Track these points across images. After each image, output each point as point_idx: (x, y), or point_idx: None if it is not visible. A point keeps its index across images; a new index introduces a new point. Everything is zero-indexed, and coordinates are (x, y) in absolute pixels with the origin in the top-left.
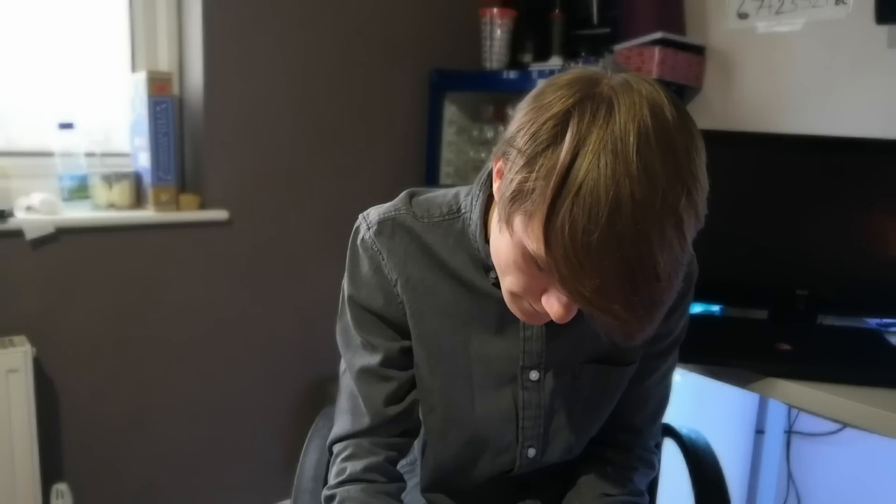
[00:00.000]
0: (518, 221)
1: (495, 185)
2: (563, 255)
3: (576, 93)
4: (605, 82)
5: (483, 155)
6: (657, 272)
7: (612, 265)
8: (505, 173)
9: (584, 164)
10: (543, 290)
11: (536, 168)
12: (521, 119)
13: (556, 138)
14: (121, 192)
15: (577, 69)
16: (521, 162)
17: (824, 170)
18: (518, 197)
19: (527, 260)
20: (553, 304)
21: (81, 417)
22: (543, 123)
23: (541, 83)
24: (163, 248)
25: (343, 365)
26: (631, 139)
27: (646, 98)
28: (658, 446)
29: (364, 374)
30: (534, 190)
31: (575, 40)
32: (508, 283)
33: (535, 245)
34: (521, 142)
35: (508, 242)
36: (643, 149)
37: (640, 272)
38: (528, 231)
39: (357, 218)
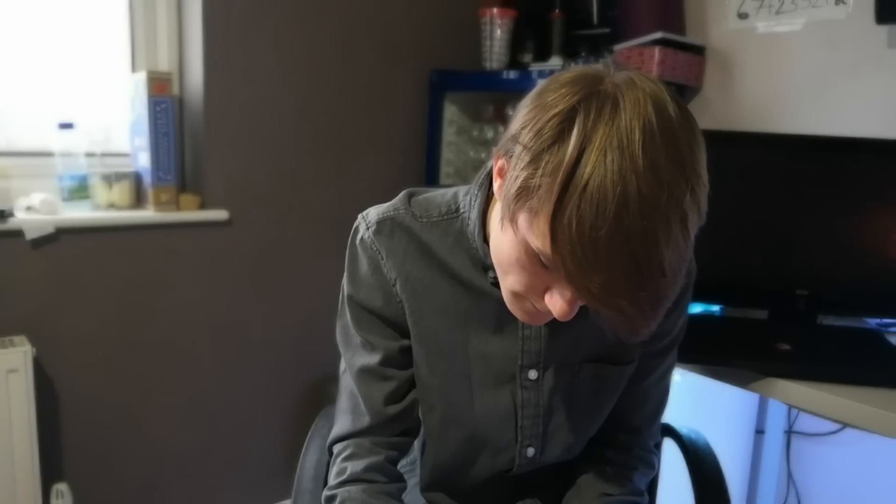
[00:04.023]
0: (522, 219)
1: (496, 184)
2: (570, 252)
3: (580, 90)
4: (609, 80)
5: (483, 155)
6: (663, 267)
7: (619, 261)
8: (508, 171)
9: (590, 160)
10: (546, 289)
11: (542, 165)
12: (523, 117)
13: (562, 135)
14: (121, 192)
15: (579, 67)
16: (525, 159)
17: (824, 169)
18: (523, 194)
19: (531, 258)
20: (557, 302)
21: (81, 417)
22: (548, 121)
23: (541, 82)
24: (163, 248)
25: (343, 365)
26: (636, 136)
27: (649, 95)
28: (658, 446)
29: (364, 374)
30: (539, 187)
31: (575, 40)
32: (510, 282)
33: (540, 242)
34: (525, 139)
35: (511, 240)
36: (648, 145)
37: (646, 267)
38: (534, 228)
39: (357, 218)
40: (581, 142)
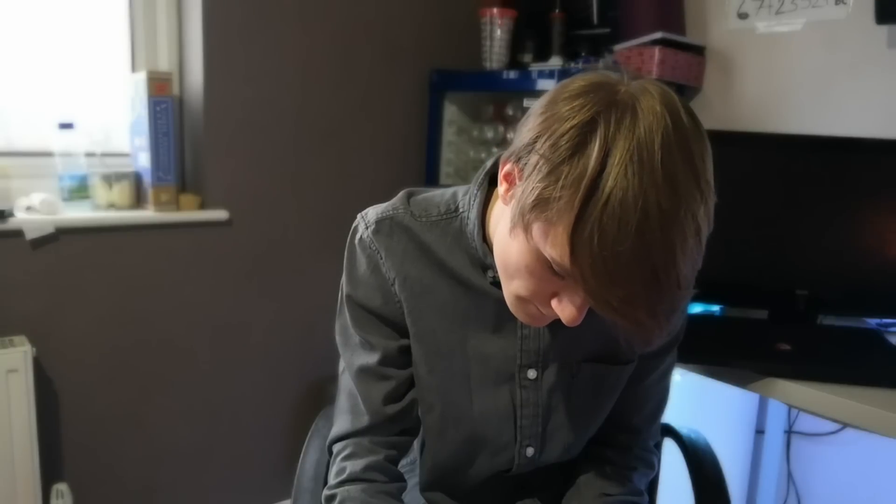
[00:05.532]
0: (537, 228)
1: (502, 188)
2: (590, 265)
3: (597, 101)
4: (624, 89)
5: (483, 155)
6: (679, 280)
7: (640, 275)
8: (522, 179)
9: (611, 174)
10: (554, 294)
11: (561, 177)
12: (537, 127)
13: (581, 147)
14: (121, 192)
15: (588, 75)
16: (544, 170)
17: (824, 169)
18: (539, 205)
19: (542, 265)
20: (566, 308)
21: (81, 417)
22: (566, 132)
23: (550, 90)
24: (163, 248)
25: (342, 364)
26: (655, 147)
27: (665, 105)
28: (658, 446)
29: (363, 373)
30: (559, 198)
31: (575, 40)
32: (516, 287)
33: (557, 253)
34: (542, 149)
35: (521, 248)
36: (666, 158)
37: (665, 280)
38: (550, 239)
39: (356, 217)
40: (602, 155)
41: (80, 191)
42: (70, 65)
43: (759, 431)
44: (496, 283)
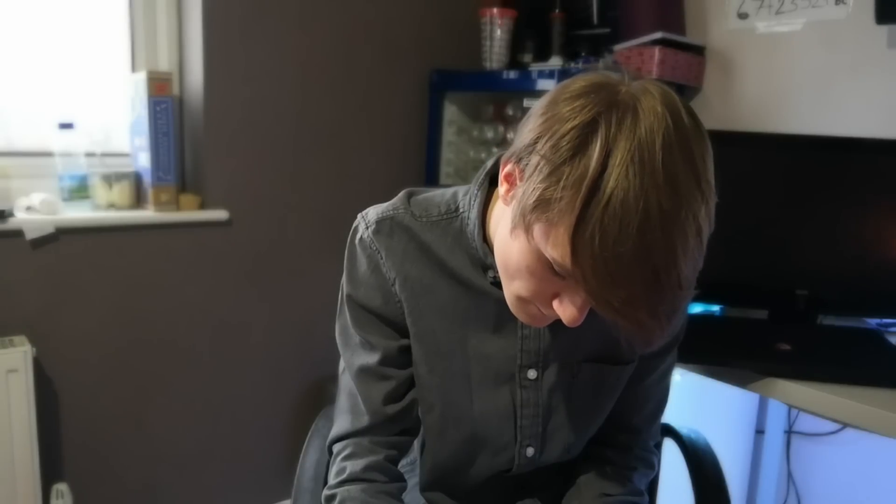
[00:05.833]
0: (538, 229)
1: (502, 188)
2: (591, 266)
3: (598, 102)
4: (625, 89)
5: (483, 155)
6: (680, 280)
7: (641, 275)
8: (523, 180)
9: (612, 174)
10: (555, 295)
11: (563, 178)
12: (538, 127)
13: (583, 148)
14: (121, 192)
15: (589, 75)
16: (545, 171)
17: (824, 169)
18: (540, 205)
19: (543, 266)
20: (567, 308)
21: (81, 417)
22: (567, 133)
23: (550, 91)
24: (163, 248)
25: (342, 364)
26: (656, 148)
27: (666, 105)
28: (658, 446)
29: (363, 373)
30: (560, 199)
31: (575, 40)
32: (517, 287)
33: (558, 254)
34: (543, 150)
35: (522, 248)
36: (667, 159)
37: (666, 281)
38: (551, 239)
39: (356, 217)
40: (603, 155)
41: (80, 191)
42: (70, 65)
43: (759, 431)
44: (496, 284)
